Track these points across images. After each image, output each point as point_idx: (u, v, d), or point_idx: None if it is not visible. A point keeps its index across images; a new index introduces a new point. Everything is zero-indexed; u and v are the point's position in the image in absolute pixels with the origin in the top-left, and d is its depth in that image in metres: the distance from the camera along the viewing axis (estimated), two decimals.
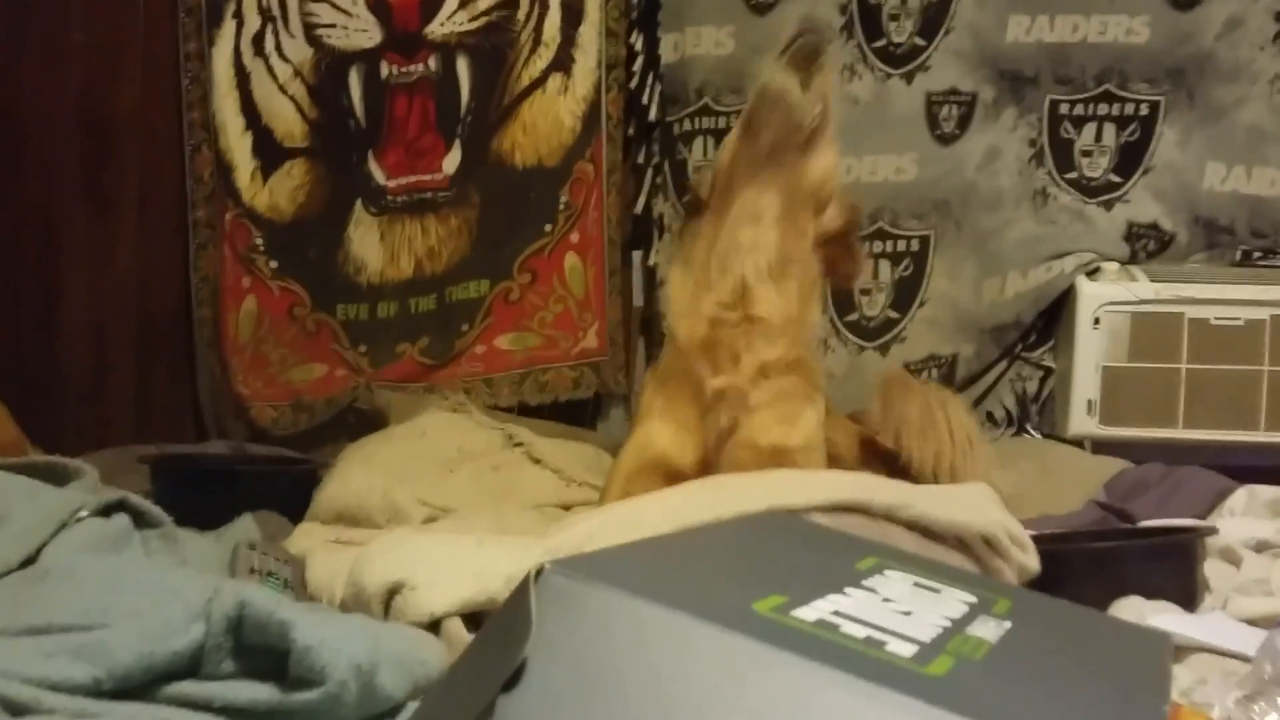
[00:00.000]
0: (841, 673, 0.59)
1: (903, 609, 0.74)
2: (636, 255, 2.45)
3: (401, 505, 1.53)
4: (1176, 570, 1.38)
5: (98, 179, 2.38)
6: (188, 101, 2.33)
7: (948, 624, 0.73)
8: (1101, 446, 2.20)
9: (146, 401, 2.43)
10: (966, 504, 1.30)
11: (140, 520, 1.10)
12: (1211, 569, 1.45)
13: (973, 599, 0.81)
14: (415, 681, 0.90)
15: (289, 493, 1.62)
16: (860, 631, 0.67)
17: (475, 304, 2.41)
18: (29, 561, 1.00)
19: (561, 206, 2.40)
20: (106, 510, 1.08)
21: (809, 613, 0.68)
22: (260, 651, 0.82)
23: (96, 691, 0.79)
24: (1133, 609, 1.31)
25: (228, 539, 1.29)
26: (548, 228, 2.41)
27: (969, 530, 1.25)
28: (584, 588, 0.64)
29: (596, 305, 2.43)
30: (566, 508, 1.70)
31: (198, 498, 1.53)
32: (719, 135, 2.42)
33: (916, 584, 0.83)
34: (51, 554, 1.00)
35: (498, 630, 0.68)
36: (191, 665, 0.82)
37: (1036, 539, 1.36)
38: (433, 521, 1.55)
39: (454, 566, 1.06)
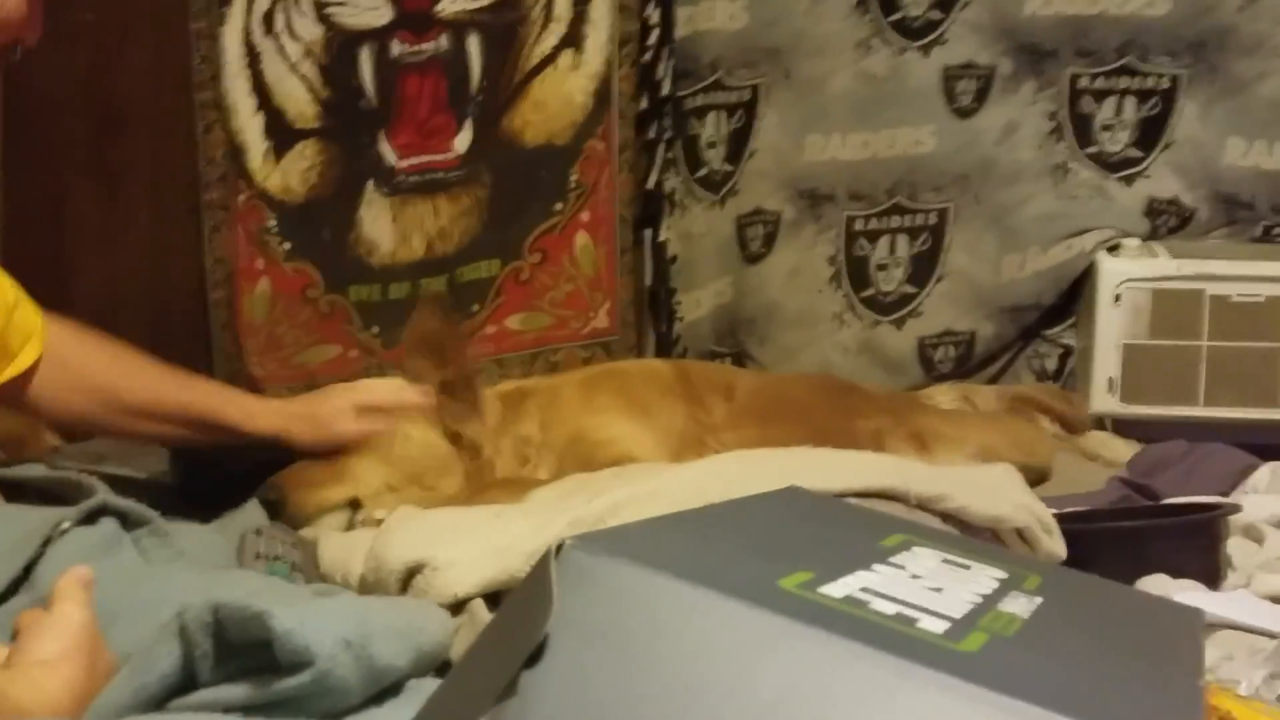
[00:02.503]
0: (873, 649, 0.58)
1: (932, 585, 0.73)
2: (646, 233, 2.43)
3: None
4: (1200, 548, 1.37)
5: (108, 160, 2.37)
6: (198, 81, 2.31)
7: (979, 600, 0.72)
8: (1122, 424, 2.19)
9: None
10: (997, 490, 1.28)
11: (127, 520, 1.08)
12: (1235, 546, 1.44)
13: (1003, 574, 0.80)
14: (419, 649, 0.88)
15: None
16: (890, 608, 0.65)
17: (486, 284, 2.39)
18: (19, 582, 0.98)
19: (572, 185, 2.38)
20: (91, 516, 1.06)
21: (837, 589, 0.67)
22: (257, 648, 0.80)
23: None
24: (1157, 587, 1.30)
25: (233, 526, 1.27)
26: (558, 206, 2.39)
27: (1005, 525, 1.24)
28: (607, 563, 0.63)
29: (607, 284, 2.41)
30: None
31: (218, 482, 1.52)
32: (731, 110, 2.40)
33: (945, 560, 0.81)
34: (43, 572, 0.98)
35: (518, 607, 0.67)
36: (188, 680, 0.81)
37: (1060, 518, 1.35)
38: None
39: (475, 543, 1.04)
